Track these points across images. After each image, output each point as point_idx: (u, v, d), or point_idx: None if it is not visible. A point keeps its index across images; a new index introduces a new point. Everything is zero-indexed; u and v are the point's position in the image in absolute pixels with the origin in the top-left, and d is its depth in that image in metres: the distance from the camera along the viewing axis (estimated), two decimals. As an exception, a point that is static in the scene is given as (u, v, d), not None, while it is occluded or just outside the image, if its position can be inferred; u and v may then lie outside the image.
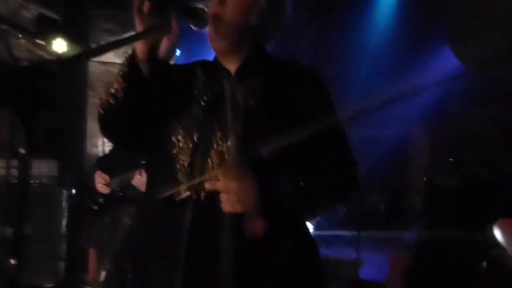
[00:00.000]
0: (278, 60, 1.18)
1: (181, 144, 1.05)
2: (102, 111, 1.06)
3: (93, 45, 4.10)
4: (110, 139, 1.22)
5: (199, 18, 1.04)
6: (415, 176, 3.20)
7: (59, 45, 3.87)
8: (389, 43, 3.48)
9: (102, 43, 4.13)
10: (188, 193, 1.01)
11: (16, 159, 3.20)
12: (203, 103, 1.09)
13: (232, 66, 1.13)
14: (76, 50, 3.99)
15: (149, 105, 1.04)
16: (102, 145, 4.12)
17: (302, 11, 3.31)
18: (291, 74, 1.14)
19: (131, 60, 1.00)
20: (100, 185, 2.67)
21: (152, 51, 1.00)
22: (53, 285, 3.25)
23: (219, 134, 1.03)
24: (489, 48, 3.06)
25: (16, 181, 3.24)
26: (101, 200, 2.72)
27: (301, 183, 1.02)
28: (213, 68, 1.15)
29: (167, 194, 1.02)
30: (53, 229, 3.32)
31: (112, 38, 4.12)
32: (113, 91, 1.03)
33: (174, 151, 1.06)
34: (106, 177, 2.67)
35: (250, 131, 1.01)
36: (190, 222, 1.00)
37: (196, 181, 1.00)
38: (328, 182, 1.08)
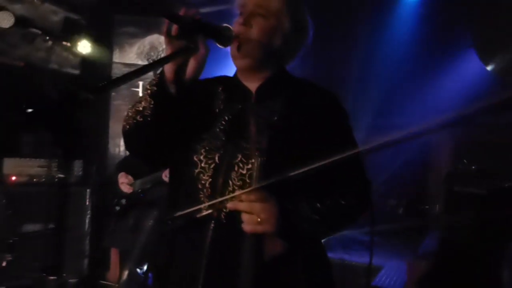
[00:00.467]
0: (298, 81, 1.20)
1: (202, 164, 1.08)
2: (128, 127, 1.10)
3: (117, 48, 4.19)
4: (135, 154, 1.25)
5: (224, 37, 1.06)
6: (436, 183, 3.16)
7: (84, 47, 3.98)
8: (412, 45, 3.45)
9: (126, 45, 4.22)
10: (210, 211, 1.04)
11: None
12: (224, 123, 1.11)
13: (253, 85, 1.16)
14: (100, 52, 4.10)
15: (175, 124, 1.07)
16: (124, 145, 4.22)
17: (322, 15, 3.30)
18: (311, 96, 1.16)
19: (160, 80, 1.03)
20: (123, 184, 2.76)
21: (180, 71, 1.03)
22: (76, 280, 3.37)
23: (240, 156, 1.06)
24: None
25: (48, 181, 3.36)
26: (123, 201, 2.81)
27: (318, 206, 1.04)
28: (234, 86, 1.18)
29: (189, 210, 1.05)
30: (77, 227, 3.43)
31: (134, 41, 4.20)
32: (140, 108, 1.06)
33: (196, 171, 1.08)
34: (130, 177, 2.76)
35: (272, 152, 1.02)
36: (211, 239, 1.04)
37: (219, 200, 1.02)
38: (342, 205, 1.10)
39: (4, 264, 3.00)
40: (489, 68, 3.11)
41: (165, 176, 2.60)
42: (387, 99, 3.58)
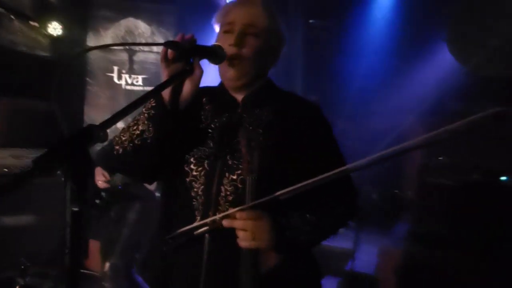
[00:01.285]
0: (282, 92, 1.24)
1: (194, 173, 1.11)
2: (122, 151, 1.10)
3: (90, 31, 4.05)
4: (131, 175, 1.26)
5: (217, 55, 1.08)
6: (409, 172, 3.31)
7: (55, 29, 3.83)
8: (387, 40, 3.53)
9: (101, 28, 4.08)
10: (206, 228, 1.08)
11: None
12: (210, 131, 1.14)
13: (239, 95, 1.19)
14: (72, 35, 3.95)
15: (173, 142, 1.10)
16: (101, 132, 4.15)
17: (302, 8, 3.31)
18: (296, 108, 1.20)
19: (158, 103, 1.05)
20: (100, 182, 2.73)
21: (177, 93, 1.05)
22: (57, 270, 3.36)
23: (229, 162, 1.09)
24: (485, 49, 3.12)
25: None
26: (103, 194, 2.77)
27: (308, 218, 1.09)
28: (220, 95, 1.20)
29: (189, 227, 1.08)
30: (56, 217, 3.39)
31: (109, 25, 4.07)
32: (138, 132, 1.07)
33: (188, 179, 1.12)
34: (106, 174, 2.71)
35: (263, 165, 1.04)
36: (208, 252, 1.08)
37: (213, 218, 1.06)
38: (332, 215, 1.16)
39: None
40: (460, 62, 3.23)
41: None
42: (365, 88, 3.67)
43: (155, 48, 4.14)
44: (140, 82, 4.08)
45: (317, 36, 3.62)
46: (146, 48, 4.11)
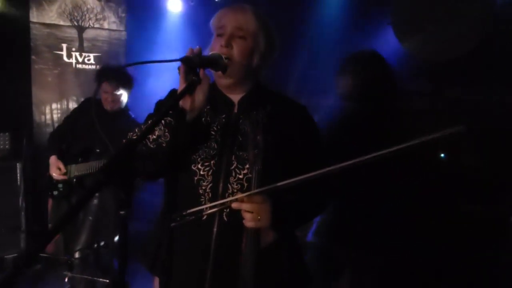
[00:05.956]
0: (273, 93, 1.37)
1: (201, 172, 1.23)
2: (138, 156, 1.16)
3: (33, 6, 3.81)
4: (140, 175, 1.31)
5: (219, 64, 1.19)
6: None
7: (-6, 3, 3.58)
8: (336, 24, 3.72)
9: (44, 3, 3.85)
10: (214, 209, 1.20)
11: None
12: (213, 133, 1.26)
13: (234, 96, 1.31)
14: (13, 9, 3.70)
15: (184, 145, 1.20)
16: (50, 113, 3.99)
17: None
18: (286, 108, 1.34)
19: (175, 111, 1.14)
20: (55, 174, 2.69)
21: (193, 102, 1.14)
22: (14, 255, 3.31)
23: (235, 162, 1.22)
24: (423, 33, 3.42)
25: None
26: (60, 186, 2.73)
27: (298, 203, 1.27)
28: (217, 96, 1.31)
29: (197, 209, 1.20)
30: (10, 202, 3.30)
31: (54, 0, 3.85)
32: (154, 136, 1.16)
33: (196, 178, 1.23)
34: (62, 166, 2.69)
35: (264, 160, 1.18)
36: (216, 235, 1.21)
37: (223, 201, 1.19)
38: (316, 200, 1.35)
39: None
40: (403, 45, 3.51)
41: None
42: (314, 69, 3.84)
43: (106, 25, 4.01)
44: (92, 61, 3.95)
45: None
46: (96, 25, 3.97)
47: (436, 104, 3.54)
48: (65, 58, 3.92)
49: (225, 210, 1.21)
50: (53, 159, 2.72)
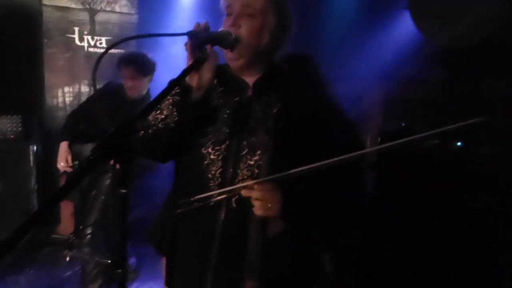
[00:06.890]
0: (287, 77, 1.29)
1: (211, 156, 1.18)
2: (143, 134, 1.16)
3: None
4: (149, 157, 1.28)
5: (227, 42, 1.14)
6: (369, 137, 3.51)
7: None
8: (354, 6, 3.62)
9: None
10: (223, 196, 1.16)
11: None
12: (225, 116, 1.20)
13: (249, 78, 1.24)
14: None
15: (192, 126, 1.17)
16: (63, 96, 4.00)
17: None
18: (301, 94, 1.26)
19: (183, 89, 1.11)
20: (62, 164, 2.68)
21: (200, 80, 1.12)
22: (27, 236, 3.35)
23: (246, 148, 1.17)
24: (447, 20, 3.31)
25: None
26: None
27: (313, 196, 1.19)
28: (230, 78, 1.25)
29: (205, 195, 1.16)
30: (23, 184, 3.33)
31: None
32: (162, 116, 1.13)
33: (205, 162, 1.19)
34: (70, 158, 2.68)
35: (277, 146, 1.14)
36: (223, 221, 1.17)
37: (233, 187, 1.15)
38: (332, 194, 1.22)
39: None
40: (420, 30, 3.41)
41: None
42: (332, 54, 3.75)
43: (117, 8, 3.97)
44: (104, 44, 3.92)
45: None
46: (108, 8, 3.93)
47: (451, 92, 3.44)
48: (77, 42, 3.90)
49: (234, 196, 1.17)
50: (63, 147, 2.71)
